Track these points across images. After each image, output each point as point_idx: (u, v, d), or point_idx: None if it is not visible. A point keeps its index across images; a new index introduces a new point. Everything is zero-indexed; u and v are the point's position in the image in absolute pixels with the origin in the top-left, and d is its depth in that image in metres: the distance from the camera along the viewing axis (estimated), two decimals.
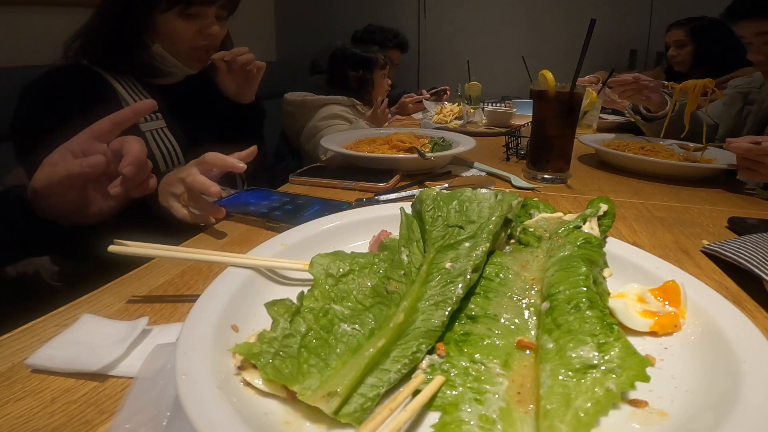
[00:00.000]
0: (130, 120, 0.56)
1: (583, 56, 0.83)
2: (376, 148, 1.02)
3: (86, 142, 0.54)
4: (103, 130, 0.55)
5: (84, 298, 0.45)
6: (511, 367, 0.31)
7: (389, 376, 0.30)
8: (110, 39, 0.90)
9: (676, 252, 0.60)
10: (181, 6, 0.89)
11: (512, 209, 0.46)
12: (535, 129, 0.95)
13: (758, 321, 0.42)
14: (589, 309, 0.33)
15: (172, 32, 0.91)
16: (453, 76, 2.76)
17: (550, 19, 3.03)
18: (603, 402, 0.27)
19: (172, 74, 0.97)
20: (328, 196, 0.79)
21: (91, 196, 0.58)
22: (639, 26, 2.84)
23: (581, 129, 1.58)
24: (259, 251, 0.46)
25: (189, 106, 1.05)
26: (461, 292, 0.35)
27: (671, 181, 0.97)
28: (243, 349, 0.31)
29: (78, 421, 0.30)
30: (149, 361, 0.33)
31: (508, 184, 0.92)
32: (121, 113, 0.56)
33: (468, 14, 3.17)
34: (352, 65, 1.85)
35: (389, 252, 0.44)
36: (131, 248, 0.43)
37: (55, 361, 0.34)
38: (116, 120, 0.55)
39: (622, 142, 1.22)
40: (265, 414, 0.28)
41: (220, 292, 0.38)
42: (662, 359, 0.34)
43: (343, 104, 1.77)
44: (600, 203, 0.51)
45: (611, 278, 0.43)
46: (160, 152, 0.93)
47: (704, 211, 0.77)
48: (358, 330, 0.34)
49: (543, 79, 0.90)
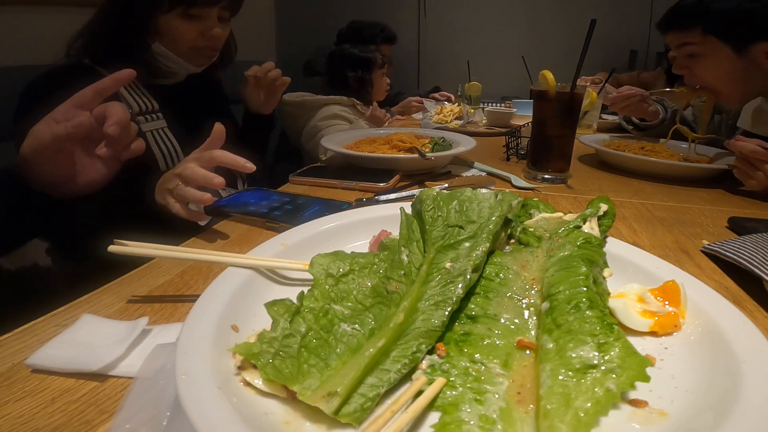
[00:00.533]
0: (110, 88, 0.58)
1: (583, 56, 0.83)
2: (377, 148, 1.02)
3: (69, 111, 0.56)
4: (86, 98, 0.57)
5: (84, 298, 0.45)
6: (511, 367, 0.31)
7: (389, 376, 0.30)
8: (111, 39, 0.90)
9: (676, 252, 0.60)
10: (183, 7, 0.89)
11: (512, 209, 0.46)
12: (535, 129, 0.95)
13: (758, 321, 0.42)
14: (589, 309, 0.33)
15: (173, 33, 0.91)
16: (453, 76, 2.76)
17: (550, 19, 3.03)
18: (603, 402, 0.27)
19: (173, 74, 0.97)
20: (328, 196, 0.79)
21: (81, 163, 0.60)
22: (639, 26, 2.84)
23: (581, 129, 1.58)
24: (259, 251, 0.46)
25: (190, 106, 1.05)
26: (461, 292, 0.35)
27: (671, 181, 0.97)
28: (243, 349, 0.31)
29: (78, 421, 0.30)
30: (149, 361, 0.33)
31: (508, 184, 0.91)
32: (101, 82, 0.58)
33: (468, 14, 3.17)
34: (351, 65, 1.85)
35: (389, 252, 0.44)
36: (131, 248, 0.43)
37: (55, 361, 0.34)
38: (97, 88, 0.57)
39: (622, 142, 1.22)
40: (265, 414, 0.28)
41: (220, 292, 0.38)
42: (662, 359, 0.34)
43: (343, 104, 1.77)
44: (600, 203, 0.51)
45: (611, 278, 0.43)
46: (160, 152, 0.93)
47: (704, 211, 0.77)
48: (358, 330, 0.34)
49: (543, 79, 0.90)
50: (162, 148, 0.94)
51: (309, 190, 0.84)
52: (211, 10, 0.92)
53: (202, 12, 0.92)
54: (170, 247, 0.45)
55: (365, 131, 1.24)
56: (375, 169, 0.91)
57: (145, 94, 0.94)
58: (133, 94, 0.92)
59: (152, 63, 0.93)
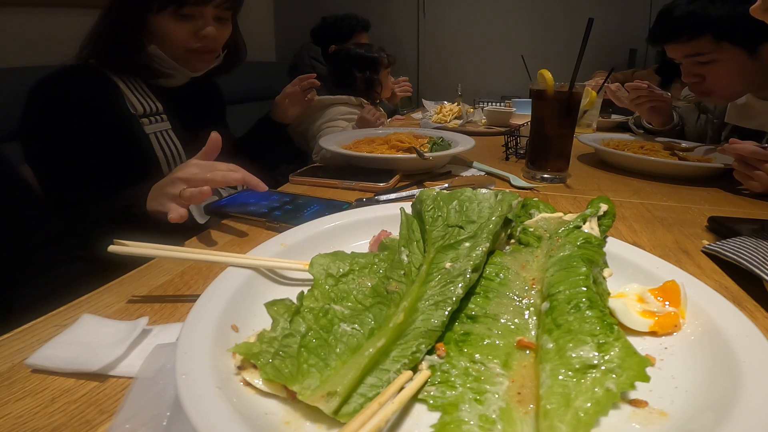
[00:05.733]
0: None
1: (581, 55, 0.83)
2: (375, 148, 1.02)
3: None
4: None
5: (84, 298, 0.45)
6: (511, 367, 0.31)
7: (389, 375, 0.30)
8: (109, 40, 0.90)
9: (676, 252, 0.60)
10: (173, 7, 0.87)
11: (512, 209, 0.46)
12: (534, 128, 0.95)
13: (758, 321, 0.42)
14: (589, 309, 0.33)
15: (166, 34, 0.90)
16: (453, 75, 2.76)
17: (549, 18, 3.03)
18: (603, 402, 0.27)
19: (172, 76, 0.97)
20: (328, 196, 0.79)
21: None
22: (639, 26, 2.84)
23: (580, 128, 1.58)
24: (259, 251, 0.46)
25: (194, 108, 1.05)
26: (461, 291, 0.35)
27: (671, 180, 0.97)
28: (243, 348, 0.31)
29: (78, 421, 0.30)
30: (149, 361, 0.33)
31: (507, 184, 0.91)
32: None
33: (468, 14, 3.17)
34: (358, 66, 1.84)
35: (389, 252, 0.44)
36: (131, 248, 0.43)
37: (55, 361, 0.34)
38: None
39: (621, 141, 1.22)
40: (265, 414, 0.28)
41: (220, 292, 0.38)
42: (662, 359, 0.34)
43: (351, 104, 1.76)
44: (600, 203, 0.51)
45: (611, 278, 0.43)
46: (163, 154, 0.93)
47: (704, 211, 0.77)
48: (357, 330, 0.34)
49: (542, 78, 0.90)
50: (165, 150, 0.93)
51: (309, 190, 0.84)
52: (204, 9, 0.91)
53: (195, 11, 0.90)
54: (170, 247, 0.45)
55: (364, 131, 1.24)
56: (375, 169, 0.91)
57: (149, 95, 0.94)
58: (137, 95, 0.92)
59: (149, 65, 0.93)
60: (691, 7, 1.00)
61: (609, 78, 1.30)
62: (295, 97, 1.29)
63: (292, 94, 1.28)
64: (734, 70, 1.03)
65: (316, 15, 2.48)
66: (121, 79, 0.91)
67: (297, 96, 1.29)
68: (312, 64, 2.36)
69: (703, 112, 1.39)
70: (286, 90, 1.29)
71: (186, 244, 0.58)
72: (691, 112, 1.41)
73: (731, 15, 0.95)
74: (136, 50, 0.90)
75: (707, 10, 0.98)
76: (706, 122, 1.37)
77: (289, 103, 1.29)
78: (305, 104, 1.33)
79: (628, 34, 2.84)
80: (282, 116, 1.30)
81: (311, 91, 1.32)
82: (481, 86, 2.99)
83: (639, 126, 1.50)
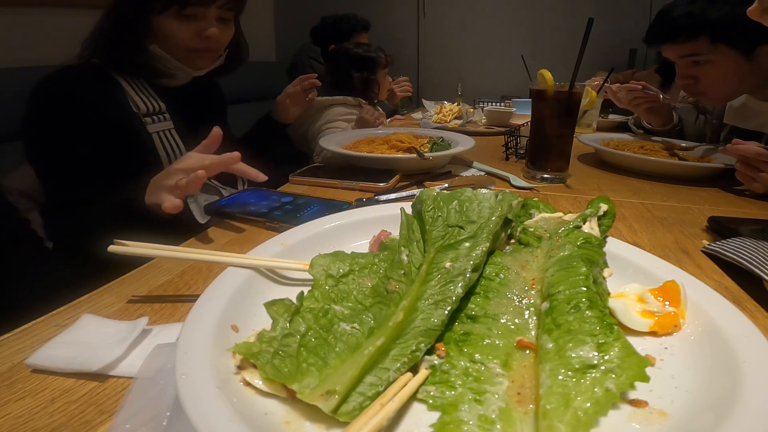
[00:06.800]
0: None
1: (581, 55, 0.83)
2: (375, 148, 1.02)
3: None
4: None
5: (84, 298, 0.45)
6: (511, 367, 0.31)
7: (388, 375, 0.30)
8: (111, 40, 0.90)
9: (676, 252, 0.60)
10: (176, 7, 0.88)
11: (512, 209, 0.46)
12: (534, 128, 0.95)
13: (758, 321, 0.42)
14: (589, 309, 0.33)
15: (169, 34, 0.90)
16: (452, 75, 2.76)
17: (549, 18, 3.03)
18: (602, 402, 0.27)
19: (174, 75, 0.97)
20: (328, 196, 0.79)
21: None
22: (638, 26, 2.83)
23: (580, 128, 1.58)
24: (259, 251, 0.46)
25: (196, 108, 1.05)
26: (461, 291, 0.35)
27: (671, 180, 0.97)
28: (243, 348, 0.31)
29: (78, 421, 0.30)
30: (149, 361, 0.33)
31: (507, 184, 0.91)
32: None
33: (468, 14, 3.17)
34: (356, 66, 1.84)
35: (389, 252, 0.44)
36: (131, 248, 0.43)
37: (55, 361, 0.34)
38: None
39: (621, 141, 1.22)
40: (265, 414, 0.28)
41: (220, 292, 0.38)
42: (662, 359, 0.34)
43: (349, 104, 1.76)
44: (600, 203, 0.51)
45: (611, 278, 0.43)
46: (166, 153, 0.93)
47: (704, 211, 0.77)
48: (357, 329, 0.34)
49: (542, 78, 0.90)
50: (168, 149, 0.93)
51: (309, 190, 0.84)
52: (206, 10, 0.91)
53: (197, 12, 0.90)
54: (170, 247, 0.45)
55: (364, 131, 1.24)
56: (375, 169, 0.91)
57: (152, 94, 0.94)
58: (140, 94, 0.92)
59: (151, 64, 0.93)
60: (690, 8, 1.01)
61: (609, 78, 1.31)
62: (297, 97, 1.29)
63: (294, 94, 1.29)
64: (728, 72, 1.03)
65: (315, 15, 2.48)
66: (123, 78, 0.91)
67: (298, 96, 1.29)
68: (311, 64, 2.36)
69: (701, 112, 1.39)
70: (287, 90, 1.29)
71: (186, 244, 0.59)
72: (689, 112, 1.41)
73: (730, 17, 0.95)
74: (139, 50, 0.90)
75: (706, 12, 0.99)
76: (705, 123, 1.37)
77: (290, 103, 1.29)
78: (306, 104, 1.33)
79: (628, 34, 2.84)
80: (283, 116, 1.30)
81: (312, 91, 1.32)
82: (481, 86, 2.99)
83: (639, 126, 1.50)
